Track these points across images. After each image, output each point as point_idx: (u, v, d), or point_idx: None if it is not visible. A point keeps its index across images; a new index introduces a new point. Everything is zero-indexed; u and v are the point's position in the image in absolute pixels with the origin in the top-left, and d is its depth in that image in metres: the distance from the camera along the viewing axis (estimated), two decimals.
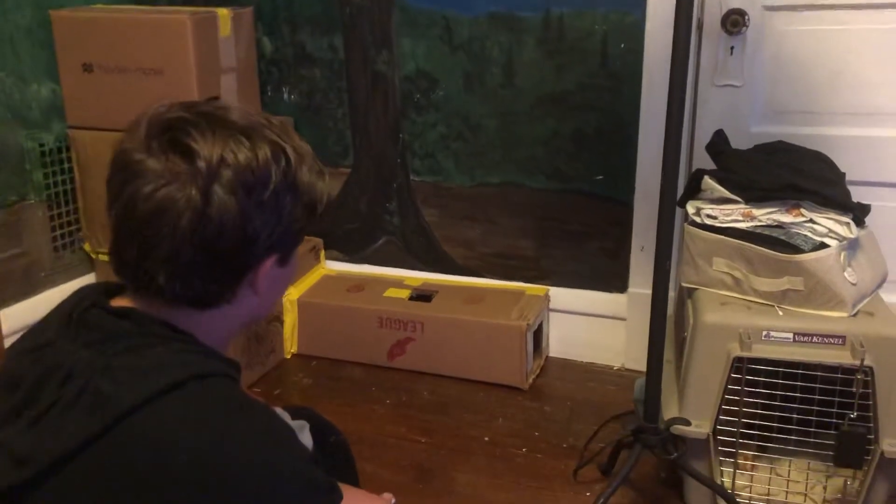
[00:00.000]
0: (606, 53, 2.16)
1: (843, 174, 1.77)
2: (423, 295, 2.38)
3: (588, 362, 2.40)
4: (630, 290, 2.31)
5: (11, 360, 0.90)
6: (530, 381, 2.27)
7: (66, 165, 2.38)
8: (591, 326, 2.38)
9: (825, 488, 1.64)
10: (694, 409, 1.63)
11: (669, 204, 1.53)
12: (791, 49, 2.00)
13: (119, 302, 0.92)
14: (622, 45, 2.15)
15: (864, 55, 1.95)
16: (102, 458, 0.79)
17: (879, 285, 1.69)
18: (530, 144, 2.30)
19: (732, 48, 2.04)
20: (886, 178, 1.98)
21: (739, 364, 1.57)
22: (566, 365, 2.39)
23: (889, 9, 1.92)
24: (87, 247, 2.46)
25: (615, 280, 2.33)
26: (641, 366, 2.30)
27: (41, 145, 2.31)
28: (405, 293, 2.39)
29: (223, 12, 2.28)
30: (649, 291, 2.26)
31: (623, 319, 2.34)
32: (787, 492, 1.64)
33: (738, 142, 1.88)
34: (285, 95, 2.52)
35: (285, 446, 0.86)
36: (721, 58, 2.06)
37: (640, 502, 1.76)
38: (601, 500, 1.58)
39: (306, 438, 1.08)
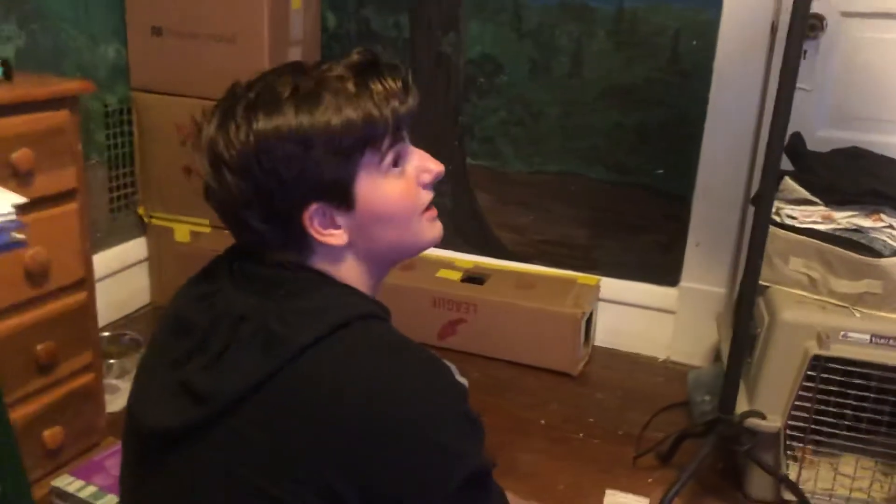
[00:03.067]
0: (677, 49, 2.19)
1: None
2: (475, 277, 2.40)
3: (634, 353, 2.44)
4: (682, 284, 2.35)
5: (179, 308, 0.92)
6: (580, 368, 2.30)
7: (126, 128, 2.38)
8: (639, 318, 2.42)
9: (888, 488, 1.69)
10: (766, 404, 1.67)
11: (767, 204, 1.56)
12: (863, 56, 2.04)
13: (270, 256, 0.93)
14: (694, 42, 2.17)
15: None
16: (275, 397, 0.81)
17: None
18: (592, 135, 2.33)
19: (805, 52, 2.06)
20: None
21: (816, 362, 1.61)
22: (612, 354, 2.43)
23: None
24: (140, 210, 2.46)
25: (667, 274, 2.37)
26: (687, 359, 2.38)
27: (105, 105, 2.30)
28: (457, 275, 2.41)
29: None
30: (702, 286, 2.33)
31: (672, 313, 2.38)
32: (850, 488, 1.69)
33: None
34: None
35: (448, 383, 0.86)
36: None
37: (700, 492, 1.80)
38: (677, 487, 1.62)
39: (460, 377, 1.09)
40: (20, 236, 1.00)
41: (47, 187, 1.43)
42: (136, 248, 2.49)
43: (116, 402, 1.91)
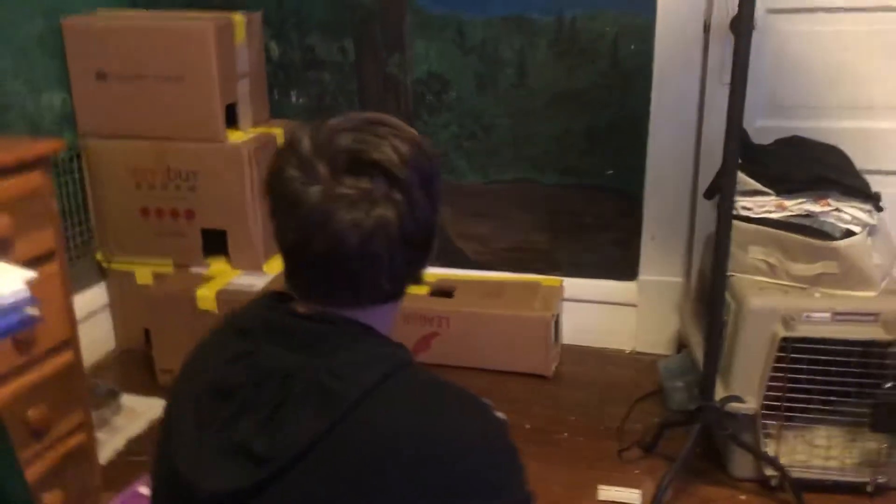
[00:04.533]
0: (617, 54, 2.28)
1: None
2: (443, 290, 2.45)
3: (600, 347, 2.52)
4: (640, 277, 2.44)
5: (215, 372, 0.93)
6: (553, 369, 2.37)
7: (76, 175, 2.34)
8: (603, 314, 2.50)
9: (857, 452, 1.80)
10: (741, 387, 1.77)
11: (728, 198, 1.64)
12: (792, 49, 2.16)
13: (301, 307, 0.95)
14: (632, 46, 2.26)
15: (858, 53, 2.12)
16: (332, 451, 0.83)
17: (893, 265, 1.86)
18: (543, 142, 2.40)
19: None
20: (883, 167, 2.15)
21: (784, 343, 1.71)
22: (580, 351, 2.51)
23: (880, 11, 2.09)
24: (98, 256, 2.43)
25: (626, 269, 2.46)
26: (652, 348, 2.48)
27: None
28: (425, 289, 2.45)
29: (238, 18, 2.29)
30: (659, 278, 2.43)
31: (634, 306, 2.47)
32: (825, 458, 1.79)
33: None
34: (293, 98, 2.54)
35: (492, 421, 0.92)
36: (727, 57, 2.19)
37: (686, 477, 1.88)
38: (669, 476, 1.70)
39: (498, 413, 1.13)
40: (34, 312, 1.00)
41: (28, 252, 1.42)
42: (96, 295, 2.45)
43: (101, 454, 1.89)
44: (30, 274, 1.00)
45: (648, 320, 2.47)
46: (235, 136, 2.29)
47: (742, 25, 1.55)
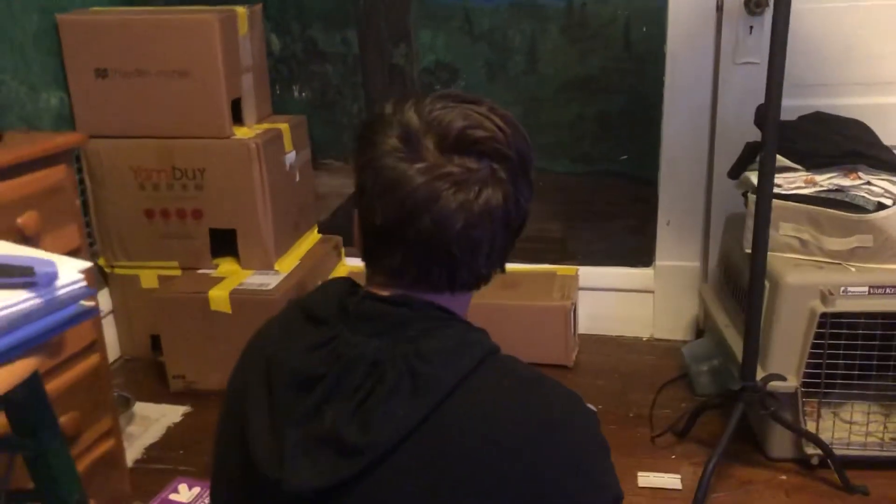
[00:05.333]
0: (629, 37, 2.25)
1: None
2: None
3: (618, 335, 2.49)
4: (657, 263, 2.42)
5: (294, 362, 0.87)
6: (573, 358, 2.34)
7: (76, 177, 2.25)
8: (619, 301, 2.47)
9: (893, 428, 1.79)
10: (780, 366, 1.74)
11: (769, 177, 1.62)
12: (806, 26, 2.15)
13: (380, 290, 0.90)
14: (644, 29, 2.24)
15: (872, 30, 2.12)
16: (428, 440, 0.79)
17: None
18: (555, 129, 2.36)
19: (752, 28, 2.17)
20: None
21: (823, 319, 1.69)
22: (598, 340, 2.48)
23: None
24: (101, 261, 2.35)
25: (642, 255, 2.43)
26: (670, 334, 2.46)
27: None
28: None
29: (241, 10, 2.23)
30: (676, 263, 2.41)
31: (651, 292, 2.44)
32: (865, 434, 1.78)
33: None
34: (296, 93, 2.48)
35: (588, 414, 0.88)
36: (741, 37, 2.18)
37: (724, 459, 1.85)
38: (714, 459, 1.67)
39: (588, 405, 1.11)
40: (90, 304, 0.94)
41: (54, 248, 1.34)
42: (99, 301, 2.36)
43: None
44: (85, 263, 0.94)
45: (666, 306, 2.44)
46: (242, 132, 2.23)
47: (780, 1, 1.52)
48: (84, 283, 0.92)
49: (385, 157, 0.83)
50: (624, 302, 2.47)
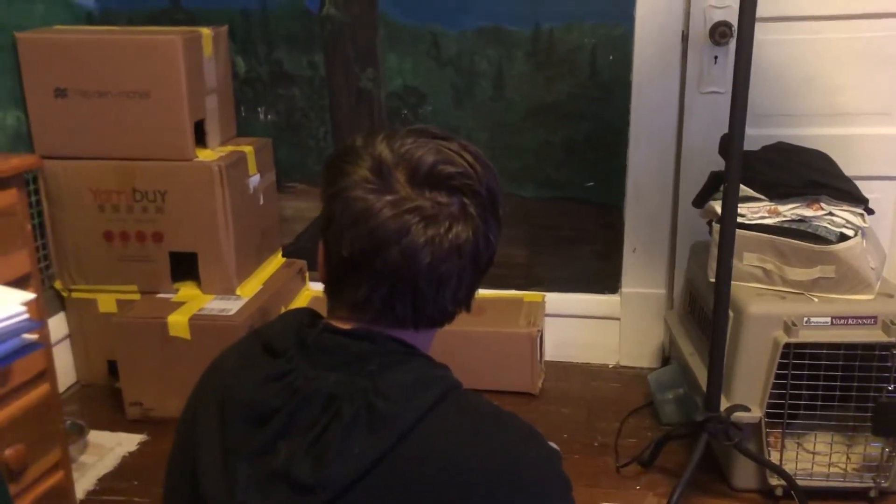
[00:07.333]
0: (595, 64, 2.26)
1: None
2: None
3: (584, 363, 2.48)
4: (623, 290, 2.41)
5: (249, 394, 0.84)
6: (539, 385, 2.32)
7: (32, 199, 2.21)
8: (586, 328, 2.46)
9: (855, 459, 1.79)
10: (744, 396, 1.74)
11: (732, 207, 1.62)
12: (768, 57, 2.17)
13: (341, 324, 0.88)
14: (610, 57, 2.25)
15: (834, 61, 2.15)
16: (385, 478, 0.76)
17: (883, 267, 1.87)
18: (521, 154, 2.36)
19: (716, 57, 2.18)
20: (857, 173, 2.15)
21: (787, 349, 1.69)
22: (563, 367, 2.46)
23: (854, 19, 2.12)
24: (57, 284, 2.29)
25: (608, 282, 2.43)
26: (636, 362, 2.45)
27: None
28: None
29: (206, 31, 2.20)
30: (642, 290, 2.40)
31: (617, 319, 2.44)
32: (828, 465, 1.78)
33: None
34: (261, 115, 2.45)
35: (549, 451, 0.86)
36: (706, 67, 2.20)
37: (688, 489, 1.84)
38: (679, 490, 1.65)
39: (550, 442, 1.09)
40: (33, 337, 0.90)
41: (3, 275, 1.31)
42: (55, 325, 2.30)
43: None
44: (28, 295, 0.90)
45: (632, 333, 2.44)
46: (205, 155, 2.19)
47: (743, 32, 1.53)
48: (26, 316, 0.88)
49: (355, 187, 0.81)
50: (590, 329, 2.46)
